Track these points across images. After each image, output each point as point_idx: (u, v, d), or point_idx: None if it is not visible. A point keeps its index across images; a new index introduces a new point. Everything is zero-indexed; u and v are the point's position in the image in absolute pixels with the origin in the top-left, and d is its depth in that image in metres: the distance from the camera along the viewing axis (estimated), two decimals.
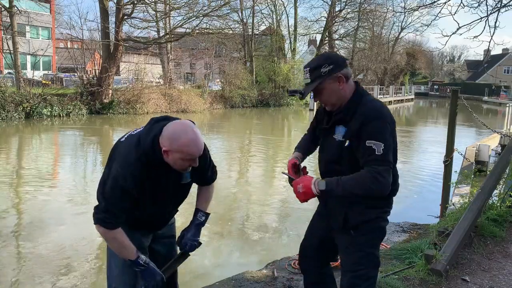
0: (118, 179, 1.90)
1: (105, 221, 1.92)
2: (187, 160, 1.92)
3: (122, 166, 1.91)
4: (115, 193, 1.90)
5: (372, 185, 1.91)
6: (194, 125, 1.94)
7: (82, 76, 22.77)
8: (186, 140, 1.88)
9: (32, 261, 4.97)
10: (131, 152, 1.92)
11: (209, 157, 2.18)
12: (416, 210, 7.01)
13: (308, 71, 2.05)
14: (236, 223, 6.63)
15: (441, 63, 78.79)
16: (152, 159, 1.92)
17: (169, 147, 1.88)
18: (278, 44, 35.66)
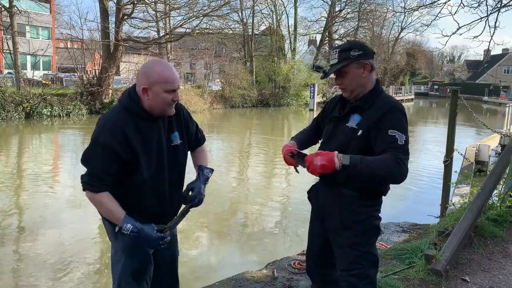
0: (99, 138, 1.88)
1: (90, 184, 1.89)
2: (168, 92, 1.92)
3: (102, 123, 1.92)
4: (97, 154, 1.88)
5: (394, 169, 1.91)
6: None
7: (82, 76, 22.77)
8: (160, 67, 1.92)
9: (32, 261, 4.97)
10: (110, 111, 1.98)
11: (193, 120, 2.22)
12: (416, 210, 7.01)
13: (337, 51, 2.09)
14: (236, 223, 6.63)
15: (441, 63, 78.77)
16: (132, 108, 1.93)
17: (147, 81, 1.90)
18: (278, 44, 35.65)
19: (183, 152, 2.15)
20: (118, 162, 1.89)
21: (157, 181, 2.02)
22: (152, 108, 1.95)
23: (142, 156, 1.93)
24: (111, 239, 2.10)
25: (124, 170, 1.93)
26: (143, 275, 2.09)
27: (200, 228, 6.16)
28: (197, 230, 6.07)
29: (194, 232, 5.95)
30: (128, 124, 1.92)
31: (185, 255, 5.23)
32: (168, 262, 2.24)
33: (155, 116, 1.99)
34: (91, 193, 1.91)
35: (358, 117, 2.09)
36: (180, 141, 2.12)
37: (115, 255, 2.08)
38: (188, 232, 5.90)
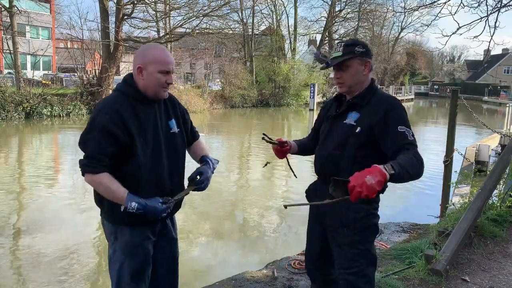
0: (95, 120, 1.90)
1: (88, 165, 1.89)
2: (162, 72, 1.96)
3: (99, 107, 1.95)
4: (94, 136, 1.89)
5: (419, 167, 1.90)
6: None
7: (82, 76, 22.77)
8: (155, 49, 1.99)
9: (32, 261, 4.97)
10: (106, 97, 2.05)
11: (188, 114, 2.28)
12: (416, 210, 7.01)
13: (342, 45, 2.13)
14: (236, 223, 6.63)
15: (441, 63, 78.75)
16: (127, 91, 1.99)
17: (142, 61, 1.96)
18: (278, 44, 35.66)
19: (181, 141, 2.16)
20: (115, 144, 1.90)
21: (155, 166, 2.01)
22: (146, 88, 1.99)
23: (138, 138, 1.94)
24: (109, 239, 2.09)
25: (121, 154, 1.93)
26: (142, 276, 2.08)
27: (200, 228, 6.16)
28: (197, 230, 6.07)
29: (194, 232, 5.95)
30: (124, 106, 1.95)
31: (185, 255, 5.23)
32: (168, 262, 2.22)
33: (150, 99, 2.01)
34: (90, 175, 1.90)
35: (356, 114, 2.12)
36: (178, 130, 2.14)
37: (113, 255, 2.07)
38: (188, 232, 5.90)
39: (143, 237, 2.06)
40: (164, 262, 2.20)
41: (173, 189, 2.09)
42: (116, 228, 2.05)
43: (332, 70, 2.18)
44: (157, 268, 2.18)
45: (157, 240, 2.16)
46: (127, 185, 1.93)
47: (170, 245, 2.22)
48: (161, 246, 2.18)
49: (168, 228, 2.21)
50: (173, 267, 2.27)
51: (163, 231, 2.17)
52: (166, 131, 2.07)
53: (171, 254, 2.24)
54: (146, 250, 2.07)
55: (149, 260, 2.11)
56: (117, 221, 2.03)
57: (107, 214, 2.05)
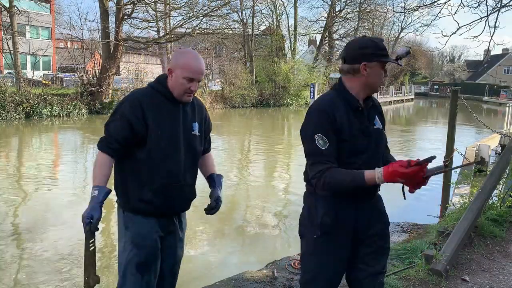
0: (120, 107, 2.08)
1: (101, 142, 2.07)
2: (188, 79, 2.06)
3: (127, 96, 2.14)
4: (114, 120, 2.07)
5: None
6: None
7: (82, 76, 22.76)
8: (189, 56, 2.10)
9: (33, 261, 4.97)
10: (141, 88, 2.23)
11: (211, 125, 2.41)
12: (416, 210, 7.00)
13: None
14: (236, 223, 6.63)
15: (441, 63, 78.75)
16: (156, 87, 2.13)
17: (173, 64, 2.08)
18: (278, 44, 35.66)
19: (199, 144, 2.25)
20: (130, 131, 2.03)
21: (168, 159, 2.09)
22: (172, 89, 2.11)
23: (155, 129, 2.05)
24: (121, 229, 2.16)
25: (136, 141, 2.05)
26: (148, 269, 2.11)
27: (200, 228, 6.15)
28: (197, 230, 6.07)
29: (194, 232, 5.95)
30: (148, 99, 2.08)
31: (185, 255, 5.23)
32: (173, 262, 2.26)
33: (177, 99, 2.12)
34: (99, 151, 2.07)
35: (376, 117, 2.07)
36: (199, 134, 2.23)
37: (124, 244, 2.14)
38: (188, 232, 5.88)
39: (151, 228, 2.12)
40: (170, 261, 2.23)
41: (184, 186, 2.18)
42: (127, 218, 2.13)
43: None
44: (163, 267, 2.20)
45: (166, 238, 2.19)
46: (139, 170, 2.07)
47: (177, 245, 2.26)
48: (169, 246, 2.22)
49: (176, 227, 2.25)
50: (175, 269, 2.30)
51: (171, 229, 2.22)
52: (188, 131, 2.17)
53: (176, 255, 2.27)
54: (154, 242, 2.12)
55: (156, 254, 2.14)
56: (127, 206, 2.13)
57: (122, 202, 2.16)
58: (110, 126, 2.08)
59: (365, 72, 1.93)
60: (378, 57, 1.92)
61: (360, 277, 2.02)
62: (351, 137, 1.90)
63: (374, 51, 1.92)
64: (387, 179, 1.77)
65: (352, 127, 1.91)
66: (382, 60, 1.93)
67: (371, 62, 1.91)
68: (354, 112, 1.94)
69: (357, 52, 1.93)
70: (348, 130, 1.90)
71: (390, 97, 43.01)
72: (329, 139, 1.86)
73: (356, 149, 1.92)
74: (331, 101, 1.94)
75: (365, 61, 1.92)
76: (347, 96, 1.95)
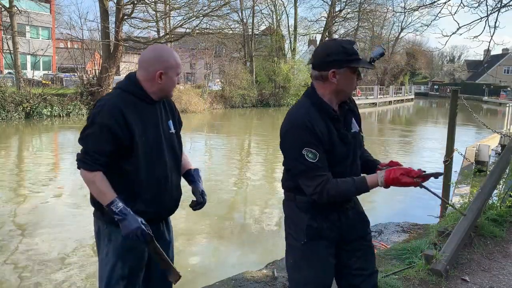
0: (96, 118, 1.89)
1: (84, 162, 1.90)
2: (178, 75, 2.04)
3: (101, 104, 1.94)
4: (93, 133, 1.89)
5: None
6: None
7: (82, 76, 22.76)
8: (172, 53, 2.03)
9: (32, 261, 4.97)
10: (108, 94, 2.05)
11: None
12: (416, 210, 7.01)
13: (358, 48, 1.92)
14: (236, 223, 6.63)
15: (441, 63, 78.76)
16: (131, 90, 1.98)
17: (164, 67, 1.97)
18: (278, 44, 35.65)
19: (178, 142, 2.18)
20: (114, 142, 1.89)
21: (156, 165, 2.01)
22: (161, 91, 2.01)
23: (139, 137, 1.93)
24: (102, 241, 2.05)
25: (121, 152, 1.91)
26: (133, 281, 2.04)
27: (200, 228, 6.16)
28: (197, 230, 6.07)
29: (194, 232, 5.95)
30: (126, 104, 1.93)
31: (185, 255, 5.23)
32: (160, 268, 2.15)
33: (154, 99, 2.02)
34: (85, 171, 1.91)
35: (353, 119, 2.02)
36: (175, 130, 2.15)
37: (106, 256, 2.03)
38: (188, 232, 5.89)
39: (138, 242, 2.00)
40: (158, 266, 2.13)
41: (172, 189, 2.09)
42: (111, 229, 2.01)
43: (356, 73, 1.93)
44: (151, 272, 2.13)
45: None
46: (127, 183, 1.93)
47: (164, 249, 2.14)
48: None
49: (161, 231, 2.16)
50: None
51: (159, 234, 2.12)
52: (167, 131, 2.09)
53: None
54: (139, 255, 2.04)
55: (142, 265, 2.07)
56: (113, 222, 1.97)
57: (103, 214, 2.01)
58: (90, 140, 1.90)
59: (334, 79, 1.85)
60: (347, 63, 1.83)
61: (357, 282, 1.98)
62: (331, 146, 1.86)
63: (343, 57, 1.83)
64: (387, 184, 1.78)
65: (331, 136, 1.87)
66: (351, 66, 1.84)
67: (340, 68, 1.84)
68: (331, 120, 1.89)
69: (325, 59, 1.85)
70: (328, 139, 1.85)
71: (390, 97, 43.03)
72: (318, 151, 1.82)
73: (337, 158, 1.88)
74: (307, 113, 1.86)
75: (334, 68, 1.84)
76: (322, 104, 1.89)
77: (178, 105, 25.49)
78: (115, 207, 1.85)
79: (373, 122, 27.34)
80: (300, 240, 1.93)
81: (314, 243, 1.92)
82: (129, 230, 1.86)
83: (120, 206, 1.86)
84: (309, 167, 1.81)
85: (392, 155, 13.78)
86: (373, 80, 46.56)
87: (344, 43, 1.87)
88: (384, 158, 12.83)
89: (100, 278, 2.07)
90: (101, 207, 2.00)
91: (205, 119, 24.08)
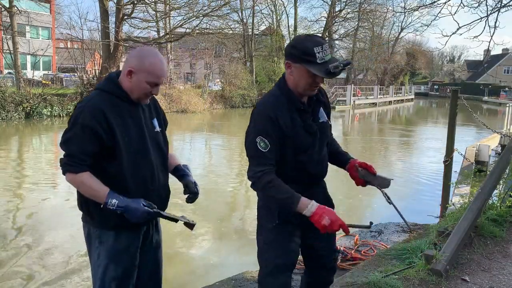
0: (78, 119, 1.87)
1: (70, 165, 1.88)
2: (151, 84, 1.92)
3: (81, 106, 1.91)
4: (75, 135, 1.87)
5: None
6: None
7: (82, 76, 22.77)
8: (154, 60, 1.92)
9: (32, 262, 4.97)
10: (88, 96, 2.00)
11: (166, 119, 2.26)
12: (416, 210, 7.00)
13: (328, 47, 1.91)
14: (236, 223, 6.63)
15: (441, 63, 78.77)
16: (111, 90, 1.94)
17: (136, 66, 1.90)
18: (278, 44, 35.63)
19: (164, 140, 2.14)
20: (97, 143, 1.86)
21: (141, 164, 1.97)
22: (130, 91, 1.95)
23: (121, 137, 1.90)
24: (92, 244, 2.04)
25: (104, 153, 1.89)
26: (126, 282, 2.03)
27: (200, 228, 6.15)
28: (197, 230, 6.06)
29: (194, 232, 5.95)
30: (107, 105, 1.90)
31: (185, 255, 5.23)
32: (150, 268, 2.16)
33: (133, 100, 1.98)
34: (72, 175, 1.88)
35: (321, 109, 2.10)
36: (160, 129, 2.12)
37: (98, 259, 2.01)
38: (188, 232, 5.89)
39: (129, 242, 2.02)
40: (146, 267, 2.14)
41: (160, 188, 2.08)
42: (101, 232, 2.00)
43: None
44: (140, 273, 2.11)
45: (141, 246, 2.10)
46: (113, 184, 1.90)
47: (153, 249, 2.16)
48: (144, 251, 2.12)
49: (151, 232, 2.15)
50: (155, 273, 2.20)
51: (146, 234, 2.12)
52: (151, 129, 2.05)
53: (154, 259, 2.18)
54: (132, 256, 2.03)
55: (134, 267, 2.06)
56: (103, 225, 1.98)
57: (92, 218, 1.99)
58: (72, 142, 1.87)
59: (289, 70, 1.92)
60: (301, 61, 1.86)
61: (317, 247, 2.17)
62: (294, 134, 1.93)
63: (299, 54, 1.85)
64: (314, 217, 1.86)
65: (295, 125, 1.94)
66: (304, 65, 1.85)
67: (295, 63, 1.88)
68: (297, 111, 1.95)
69: (288, 49, 1.92)
70: (291, 128, 1.93)
71: (390, 97, 43.03)
72: (270, 142, 1.89)
73: (300, 146, 1.97)
74: (275, 102, 1.94)
75: (290, 60, 1.90)
76: (290, 95, 1.95)
77: (178, 105, 25.57)
78: (111, 205, 1.84)
79: (373, 122, 27.35)
80: (272, 222, 2.10)
81: (284, 225, 2.07)
82: (137, 218, 1.87)
83: (114, 202, 1.84)
84: (257, 154, 1.91)
85: (392, 155, 13.79)
86: (373, 80, 46.59)
87: (310, 42, 1.86)
88: (384, 158, 12.83)
89: (93, 281, 2.06)
90: (89, 211, 1.99)
91: (205, 119, 24.08)
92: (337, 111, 30.24)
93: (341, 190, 7.62)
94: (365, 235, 5.00)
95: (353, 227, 2.11)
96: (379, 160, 12.33)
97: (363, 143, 16.67)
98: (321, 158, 2.07)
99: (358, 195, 7.88)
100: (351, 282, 2.97)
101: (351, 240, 4.72)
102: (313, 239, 2.15)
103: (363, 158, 2.60)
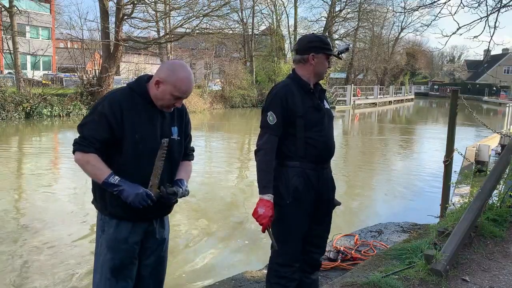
0: (97, 107, 2.02)
1: (80, 144, 1.98)
2: (175, 97, 2.02)
3: (105, 96, 2.07)
4: (93, 119, 1.99)
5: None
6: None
7: (82, 76, 22.75)
8: (184, 75, 2.02)
9: (31, 262, 4.97)
10: (119, 88, 2.16)
11: (191, 127, 2.33)
12: (416, 210, 7.01)
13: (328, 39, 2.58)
14: (236, 223, 6.63)
15: (441, 63, 78.79)
16: (136, 89, 2.07)
17: (164, 78, 2.00)
18: (278, 44, 35.64)
19: (178, 149, 2.17)
20: (109, 131, 1.97)
21: (145, 164, 2.01)
22: (155, 99, 2.06)
23: (131, 133, 1.99)
24: (97, 232, 2.13)
25: (112, 143, 1.99)
26: (122, 273, 2.07)
27: (200, 228, 6.15)
28: (197, 230, 6.07)
29: (194, 232, 5.95)
30: (128, 101, 2.03)
31: (185, 255, 5.23)
32: (152, 265, 2.19)
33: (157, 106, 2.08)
34: (80, 153, 1.98)
35: (324, 100, 2.56)
36: (178, 138, 2.15)
37: (99, 248, 2.11)
38: (188, 232, 5.90)
39: (128, 233, 2.06)
40: (148, 264, 2.16)
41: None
42: (104, 221, 2.08)
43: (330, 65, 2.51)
44: (141, 270, 2.15)
45: (143, 241, 2.14)
46: (117, 174, 1.98)
47: (156, 247, 2.18)
48: (146, 248, 2.15)
49: (155, 229, 2.17)
50: (157, 271, 2.22)
51: (149, 231, 2.14)
52: (167, 135, 2.09)
53: (157, 256, 2.20)
54: (130, 247, 2.07)
55: (132, 260, 2.09)
56: (104, 210, 2.07)
57: (98, 202, 2.10)
58: (88, 126, 2.00)
59: (313, 61, 2.41)
60: (323, 50, 2.41)
61: (319, 230, 2.54)
62: (305, 112, 2.35)
63: (320, 45, 2.42)
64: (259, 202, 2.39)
65: (305, 104, 2.37)
66: (326, 53, 2.42)
67: (318, 54, 2.40)
68: (306, 93, 2.41)
69: (307, 45, 2.43)
70: (301, 107, 2.35)
71: (390, 97, 43.02)
72: (277, 118, 2.34)
73: (310, 123, 2.37)
74: (286, 86, 2.41)
75: (313, 52, 2.40)
76: (299, 81, 2.43)
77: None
78: (112, 179, 1.94)
79: (373, 122, 27.35)
80: (286, 199, 2.39)
81: (297, 203, 2.39)
82: (133, 196, 1.93)
83: (117, 178, 1.95)
84: (266, 125, 2.37)
85: (392, 155, 13.79)
86: (373, 80, 46.57)
87: (322, 36, 2.58)
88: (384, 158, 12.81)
89: (94, 269, 2.14)
90: (100, 199, 2.08)
91: (205, 119, 24.07)
92: (337, 111, 30.22)
93: (341, 190, 7.62)
94: (365, 235, 5.00)
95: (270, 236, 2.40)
96: (379, 160, 12.34)
97: (363, 143, 16.68)
98: (329, 137, 2.46)
99: (358, 195, 7.88)
100: (351, 282, 2.97)
101: (351, 240, 4.72)
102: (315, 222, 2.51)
103: (363, 158, 2.64)
